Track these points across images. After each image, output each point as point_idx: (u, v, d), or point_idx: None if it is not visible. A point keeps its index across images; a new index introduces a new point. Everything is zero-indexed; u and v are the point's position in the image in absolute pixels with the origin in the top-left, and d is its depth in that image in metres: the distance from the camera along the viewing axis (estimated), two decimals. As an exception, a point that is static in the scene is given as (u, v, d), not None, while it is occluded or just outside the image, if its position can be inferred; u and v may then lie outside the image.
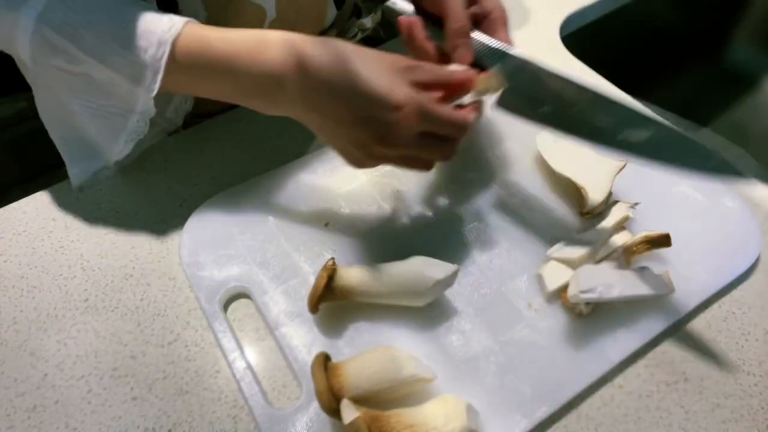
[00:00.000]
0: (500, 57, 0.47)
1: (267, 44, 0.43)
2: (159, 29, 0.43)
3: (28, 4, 0.42)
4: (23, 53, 0.44)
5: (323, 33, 0.62)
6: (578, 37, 0.79)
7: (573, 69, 0.67)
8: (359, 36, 0.68)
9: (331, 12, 0.61)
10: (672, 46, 1.04)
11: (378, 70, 0.42)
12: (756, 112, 1.02)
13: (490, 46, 0.48)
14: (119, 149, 0.48)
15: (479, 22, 0.49)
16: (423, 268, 0.43)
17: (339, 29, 0.64)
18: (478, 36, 0.48)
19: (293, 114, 0.45)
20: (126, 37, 0.43)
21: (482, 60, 0.48)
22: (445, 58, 0.48)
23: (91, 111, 0.46)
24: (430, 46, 0.48)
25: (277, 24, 0.56)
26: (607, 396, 0.41)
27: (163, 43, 0.43)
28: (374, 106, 0.41)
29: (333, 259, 0.44)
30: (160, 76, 0.43)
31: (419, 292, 0.42)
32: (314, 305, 0.42)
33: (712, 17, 1.06)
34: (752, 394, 0.42)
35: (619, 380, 0.42)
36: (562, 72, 0.45)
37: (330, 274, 0.42)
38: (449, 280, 0.43)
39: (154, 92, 0.44)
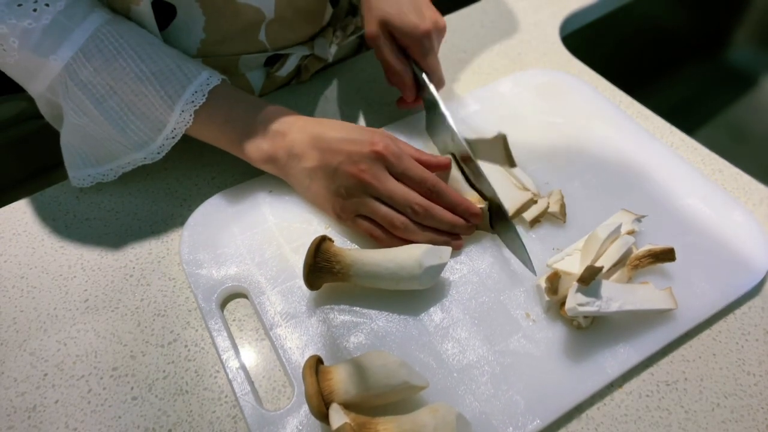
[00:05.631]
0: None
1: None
2: (173, 119, 0.48)
3: (57, 54, 0.45)
4: (41, 86, 0.48)
5: (320, 31, 0.62)
6: (578, 37, 0.79)
7: (573, 69, 0.67)
8: (356, 34, 0.68)
9: (328, 10, 0.61)
10: (672, 46, 1.04)
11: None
12: (756, 112, 1.02)
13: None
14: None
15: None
16: (417, 249, 0.43)
17: (336, 27, 0.63)
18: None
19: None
20: (144, 114, 0.48)
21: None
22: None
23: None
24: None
25: (276, 24, 0.56)
26: (607, 396, 0.41)
27: (177, 134, 0.49)
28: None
29: (328, 230, 0.48)
30: (165, 151, 0.50)
31: (414, 271, 0.42)
32: (307, 276, 0.42)
33: (712, 17, 1.06)
34: (752, 394, 0.42)
35: (618, 380, 0.42)
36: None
37: (319, 240, 0.43)
38: (443, 256, 0.43)
39: (153, 160, 0.50)
